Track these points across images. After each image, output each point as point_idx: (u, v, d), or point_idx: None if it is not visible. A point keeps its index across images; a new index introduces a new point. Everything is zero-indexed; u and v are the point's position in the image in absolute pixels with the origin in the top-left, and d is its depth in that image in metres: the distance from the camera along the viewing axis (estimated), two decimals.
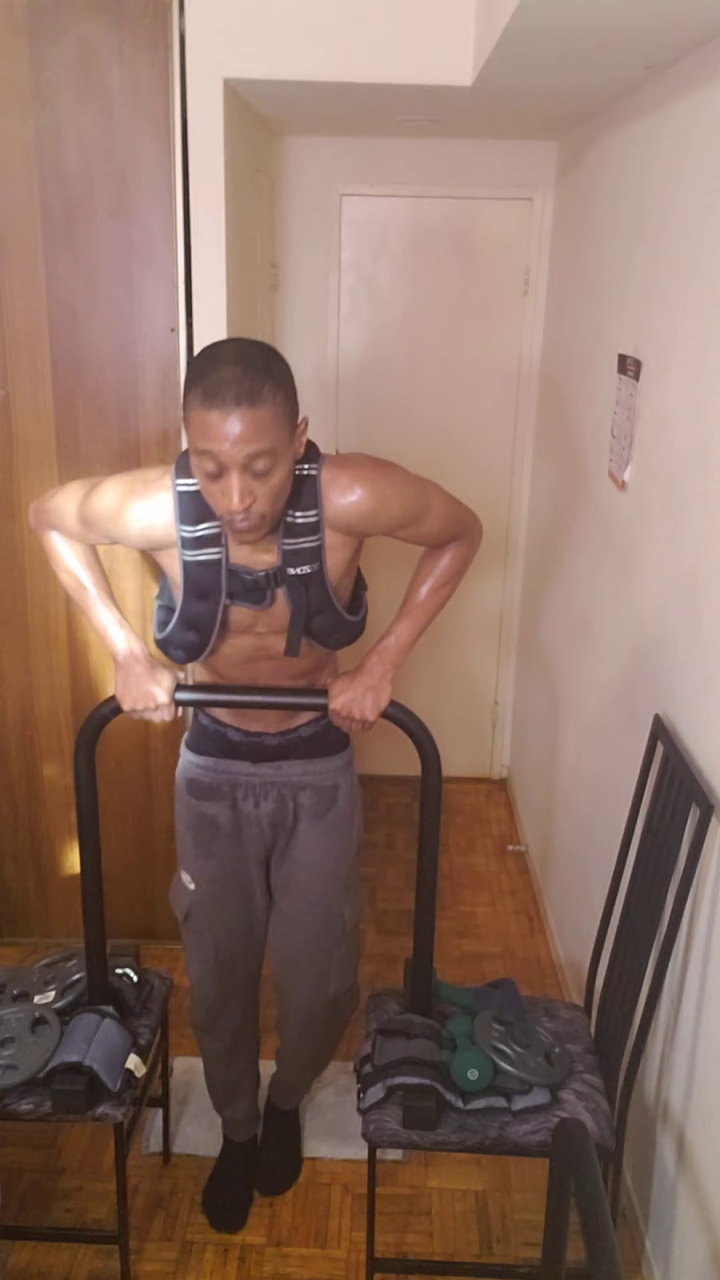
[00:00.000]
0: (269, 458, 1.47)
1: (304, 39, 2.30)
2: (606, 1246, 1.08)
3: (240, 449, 1.45)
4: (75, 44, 2.23)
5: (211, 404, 1.43)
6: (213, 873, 1.95)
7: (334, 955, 2.00)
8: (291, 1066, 2.20)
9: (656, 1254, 1.94)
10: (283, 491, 1.54)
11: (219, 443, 1.44)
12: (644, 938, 1.81)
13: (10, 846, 2.84)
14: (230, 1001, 2.05)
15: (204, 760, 1.92)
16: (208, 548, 1.64)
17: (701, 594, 1.79)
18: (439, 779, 1.79)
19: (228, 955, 1.99)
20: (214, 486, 1.50)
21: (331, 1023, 2.11)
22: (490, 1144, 1.76)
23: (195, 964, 2.02)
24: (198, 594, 1.68)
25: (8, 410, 2.48)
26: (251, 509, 1.50)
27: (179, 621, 1.72)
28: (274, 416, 1.46)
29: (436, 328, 3.53)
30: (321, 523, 1.64)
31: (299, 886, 1.95)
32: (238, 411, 1.43)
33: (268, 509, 1.52)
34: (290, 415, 1.51)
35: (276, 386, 1.47)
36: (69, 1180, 2.19)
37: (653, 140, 2.17)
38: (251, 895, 1.98)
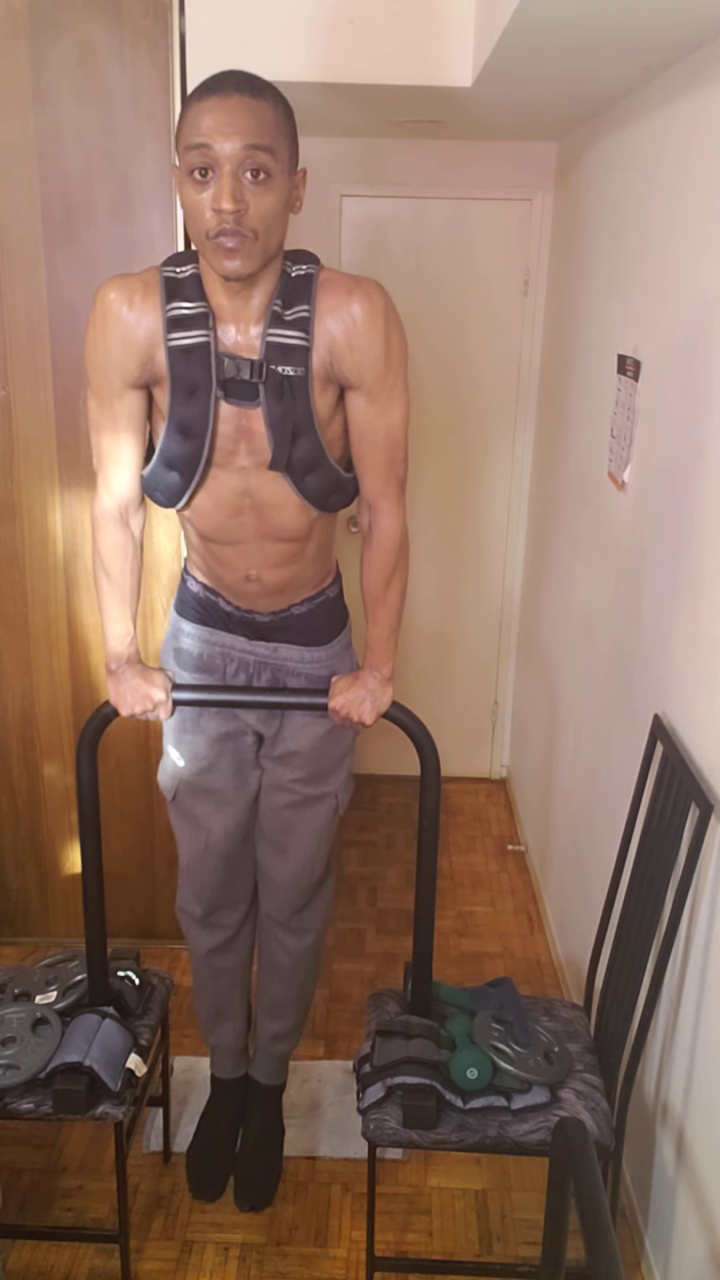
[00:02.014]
0: (267, 160, 1.37)
1: (304, 40, 2.31)
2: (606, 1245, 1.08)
3: (237, 139, 1.35)
4: (75, 44, 2.24)
5: (209, 92, 1.35)
6: (202, 749, 1.87)
7: (321, 836, 1.95)
8: (278, 984, 2.10)
9: (656, 1253, 1.94)
10: (276, 218, 1.43)
11: (214, 132, 1.34)
12: (643, 937, 1.81)
13: (11, 846, 2.85)
14: (228, 893, 1.98)
15: (193, 628, 1.85)
16: (195, 329, 1.54)
17: (701, 594, 1.80)
18: (438, 779, 1.80)
19: (221, 840, 1.92)
20: (203, 196, 1.39)
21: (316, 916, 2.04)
22: (490, 1143, 1.76)
23: (186, 850, 1.95)
24: (186, 389, 1.57)
25: (8, 410, 2.48)
26: (243, 219, 1.39)
27: (169, 433, 1.61)
28: (275, 119, 1.38)
29: (436, 328, 3.53)
30: (312, 322, 1.53)
31: (291, 767, 1.89)
32: (237, 98, 1.34)
33: (260, 225, 1.41)
34: (291, 138, 1.42)
35: (279, 100, 1.40)
36: (69, 1179, 2.19)
37: (652, 141, 2.17)
38: (245, 775, 1.90)
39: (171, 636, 1.90)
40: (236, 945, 2.08)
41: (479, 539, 3.74)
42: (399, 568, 1.77)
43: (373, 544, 1.76)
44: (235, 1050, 2.18)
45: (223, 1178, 2.08)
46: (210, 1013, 2.15)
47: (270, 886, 2.00)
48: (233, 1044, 2.17)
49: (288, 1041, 2.18)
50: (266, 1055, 2.18)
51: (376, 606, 1.79)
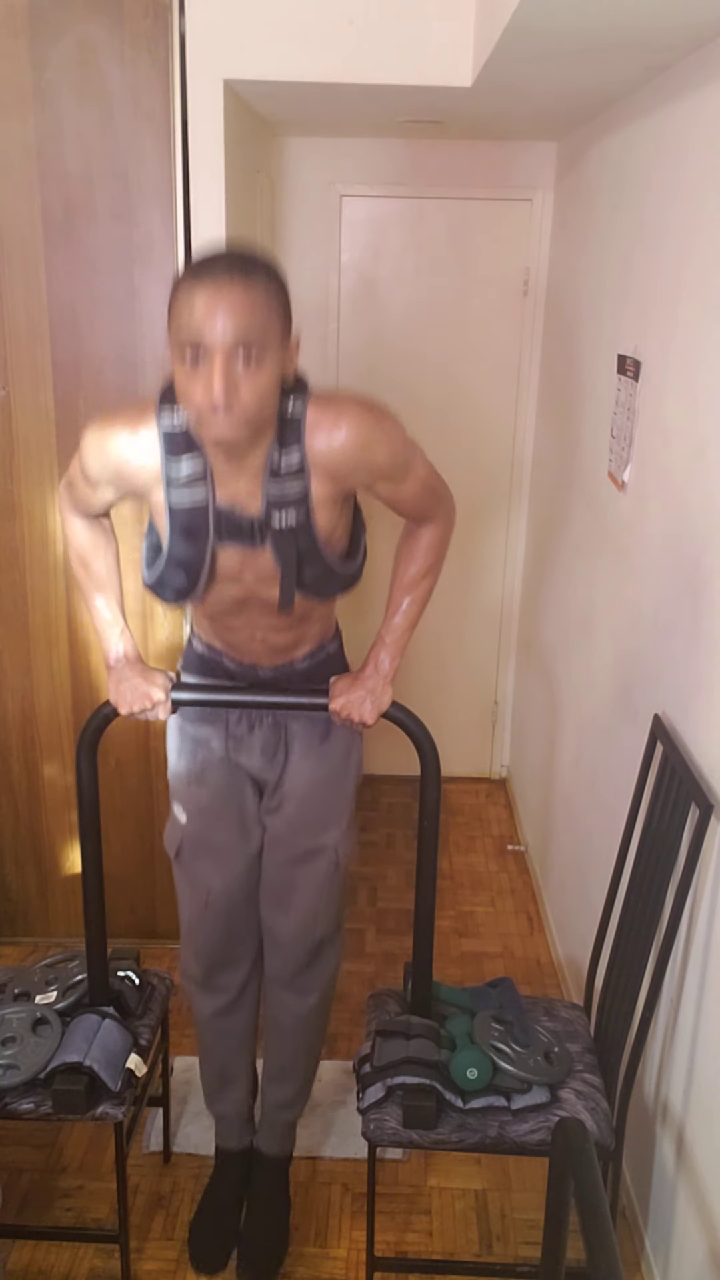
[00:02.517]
0: (258, 349, 1.37)
1: (304, 40, 2.31)
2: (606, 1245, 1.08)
3: (229, 328, 1.34)
4: (75, 45, 2.24)
5: (200, 280, 1.34)
6: (206, 801, 1.87)
7: (322, 891, 1.91)
8: (282, 1048, 2.06)
9: (656, 1253, 1.94)
10: (268, 395, 1.43)
11: (206, 322, 1.34)
12: (643, 937, 1.81)
13: (11, 846, 2.85)
14: (230, 954, 1.96)
15: (198, 682, 1.87)
16: (194, 486, 1.56)
17: (701, 593, 1.80)
18: (438, 779, 1.80)
19: (222, 898, 1.90)
20: (195, 381, 1.38)
21: (320, 977, 2.00)
22: (490, 1143, 1.76)
23: (188, 908, 1.94)
24: (185, 535, 1.59)
25: (8, 410, 2.48)
26: (234, 404, 1.38)
27: (168, 563, 1.63)
28: (267, 302, 1.37)
29: (436, 329, 3.53)
30: (306, 465, 1.54)
31: (287, 816, 1.87)
32: (229, 287, 1.34)
33: (252, 406, 1.40)
34: (284, 314, 1.42)
35: (271, 278, 1.39)
36: (69, 1179, 2.19)
37: (652, 141, 2.17)
38: (247, 830, 1.89)
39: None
40: (240, 1008, 2.04)
41: (479, 539, 3.74)
42: (436, 566, 1.78)
43: (416, 540, 1.77)
44: (240, 1119, 2.13)
45: (226, 1251, 2.01)
46: (215, 1079, 2.10)
47: (273, 944, 1.97)
48: (238, 1112, 2.12)
49: (293, 1109, 2.11)
50: (272, 1124, 2.11)
51: (404, 595, 1.78)
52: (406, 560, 1.78)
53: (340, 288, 3.50)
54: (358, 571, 1.76)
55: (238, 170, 2.56)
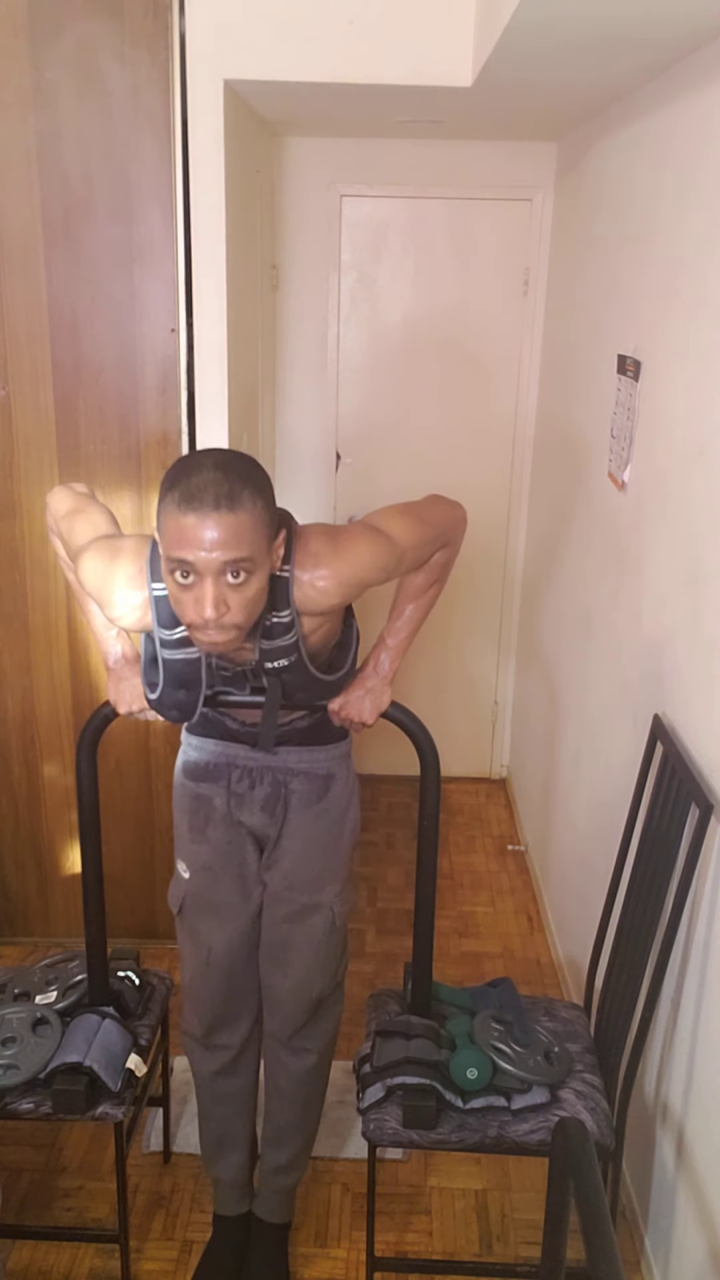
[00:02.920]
0: (247, 566, 1.42)
1: (304, 40, 2.31)
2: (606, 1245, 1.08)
3: (217, 555, 1.39)
4: (75, 44, 2.23)
5: (188, 508, 1.38)
6: (207, 859, 1.90)
7: (319, 950, 1.92)
8: (280, 1109, 2.03)
9: (656, 1253, 1.94)
10: (258, 603, 1.48)
11: (195, 549, 1.39)
12: (643, 937, 1.81)
13: (11, 846, 2.85)
14: (230, 1012, 1.96)
15: (202, 742, 1.90)
16: (186, 647, 1.61)
17: (701, 594, 1.80)
18: (438, 779, 1.80)
19: (223, 955, 1.92)
20: (186, 595, 1.44)
21: (317, 1037, 2.00)
22: (490, 1143, 1.76)
23: (190, 965, 1.96)
24: (178, 684, 1.66)
25: (8, 410, 2.48)
26: (224, 619, 1.44)
27: (162, 699, 1.70)
28: (253, 523, 1.42)
29: (436, 328, 3.53)
30: (296, 621, 1.60)
31: (284, 871, 1.89)
32: (216, 516, 1.38)
33: (242, 620, 1.46)
34: (270, 524, 1.46)
35: (256, 493, 1.43)
36: (69, 1179, 2.19)
37: (652, 141, 2.17)
38: (247, 888, 1.92)
39: (183, 750, 1.95)
40: (240, 1069, 2.02)
41: (479, 539, 3.74)
42: (444, 576, 1.82)
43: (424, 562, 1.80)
44: (239, 1184, 2.07)
45: None
46: (213, 1141, 2.06)
47: (272, 1003, 1.98)
48: (235, 1177, 2.06)
49: (291, 1174, 2.05)
50: (270, 1190, 2.06)
51: (409, 603, 1.82)
52: (413, 572, 1.80)
53: (340, 287, 3.50)
54: (350, 669, 1.80)
55: (237, 170, 2.56)
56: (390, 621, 1.82)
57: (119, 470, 2.53)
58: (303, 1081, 2.00)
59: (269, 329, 3.44)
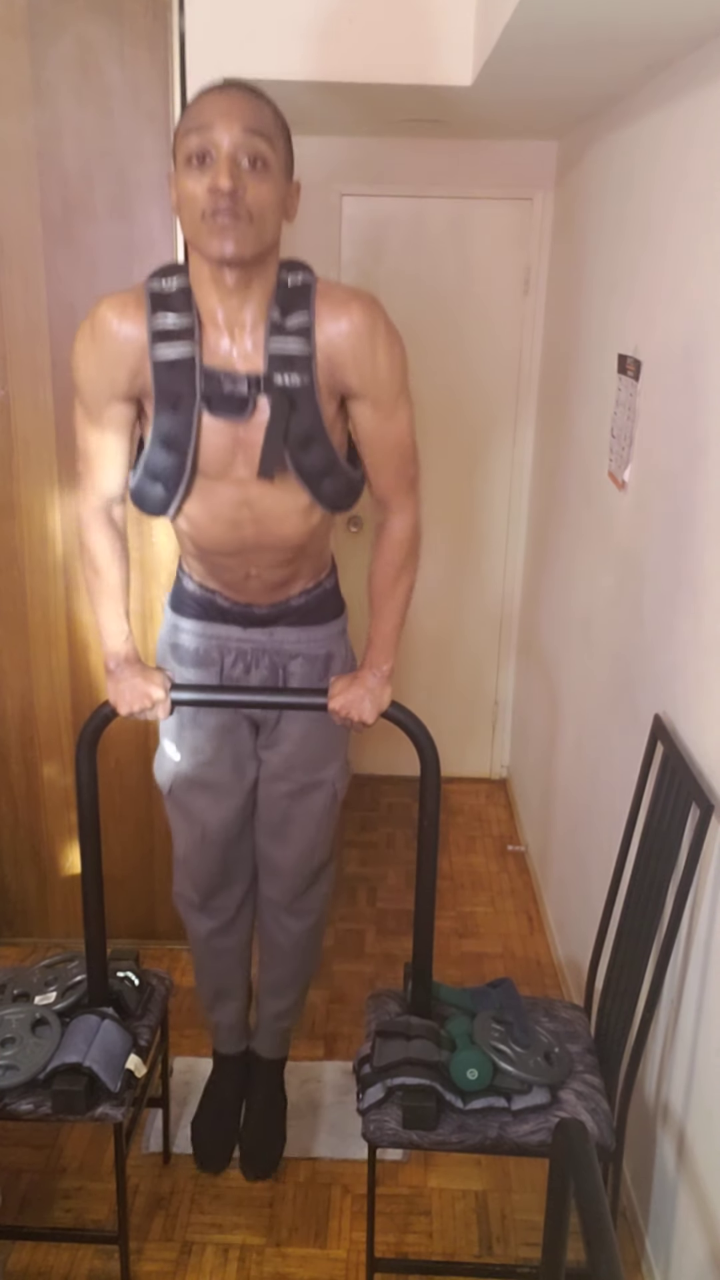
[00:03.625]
0: (264, 148, 1.39)
1: (304, 39, 2.31)
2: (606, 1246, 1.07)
3: (236, 123, 1.37)
4: (75, 43, 2.23)
5: (209, 89, 1.40)
6: (200, 742, 1.87)
7: (319, 823, 1.96)
8: (280, 966, 2.13)
9: (656, 1254, 1.94)
10: (272, 209, 1.44)
11: (214, 117, 1.37)
12: (644, 938, 1.81)
13: (10, 846, 2.84)
14: (226, 879, 2.00)
15: (190, 624, 1.85)
16: (179, 341, 1.53)
17: (702, 593, 1.79)
18: (438, 779, 1.79)
19: (217, 832, 1.92)
20: (200, 179, 1.40)
21: (316, 898, 2.06)
22: (490, 1144, 1.76)
23: (182, 841, 1.96)
24: (170, 403, 1.55)
25: (8, 410, 2.48)
26: (239, 199, 1.39)
27: (153, 443, 1.60)
28: (274, 118, 1.42)
29: (437, 328, 3.52)
30: (314, 329, 1.53)
31: (285, 754, 1.88)
32: (238, 91, 1.40)
33: (255, 209, 1.41)
34: (287, 145, 1.46)
35: (278, 111, 1.45)
36: (69, 1180, 2.19)
37: (653, 140, 2.17)
38: (242, 767, 1.90)
39: (168, 632, 1.90)
40: (236, 927, 2.10)
41: (479, 539, 3.74)
42: (409, 563, 1.77)
43: (384, 538, 1.77)
44: (237, 1026, 2.21)
45: (228, 1149, 2.12)
46: (211, 992, 2.17)
47: (271, 873, 2.01)
48: (234, 1021, 2.20)
49: (289, 1018, 2.20)
50: (268, 1031, 2.21)
51: (384, 601, 1.79)
52: (381, 564, 1.78)
53: None
54: (360, 481, 1.72)
55: None
56: (373, 623, 1.81)
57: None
58: (302, 938, 2.10)
59: None
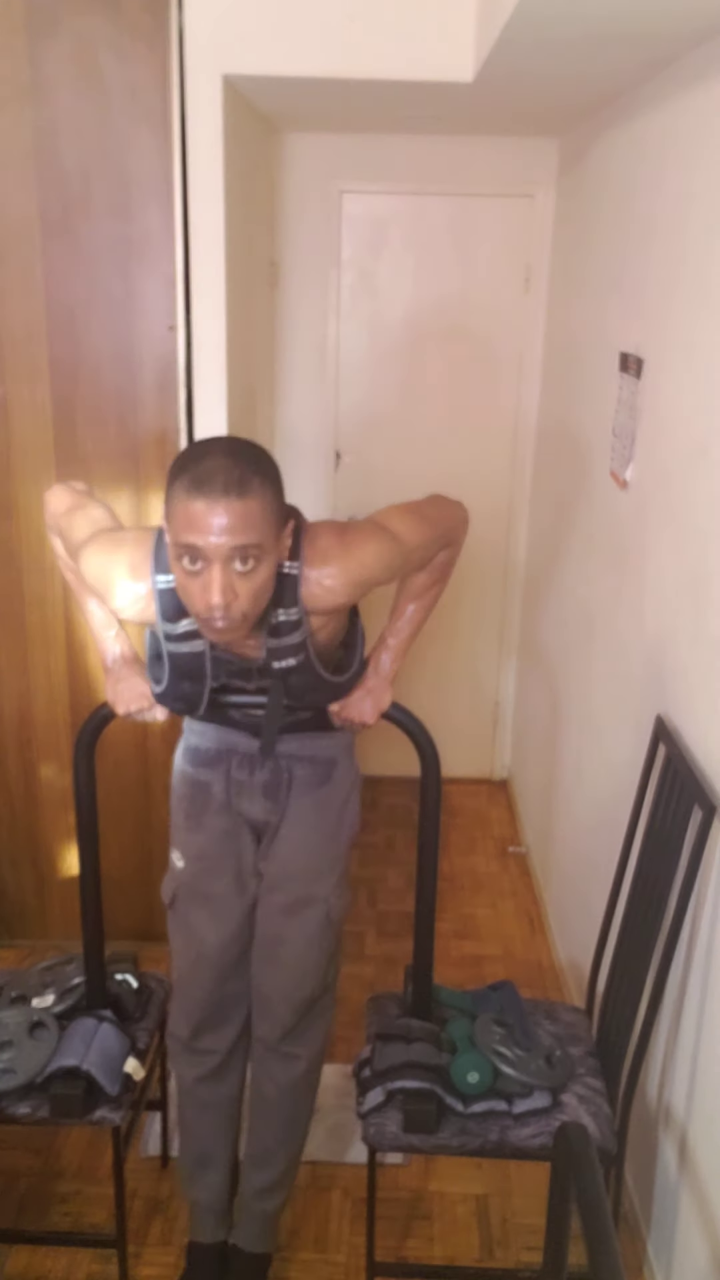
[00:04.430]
0: (255, 553, 1.41)
1: (304, 35, 2.29)
2: (608, 1250, 1.06)
3: (226, 541, 1.38)
4: (73, 40, 2.22)
5: (198, 493, 1.38)
6: (203, 847, 1.87)
7: (312, 945, 1.88)
8: (266, 1123, 1.96)
9: (658, 1258, 1.93)
10: (265, 592, 1.47)
11: (203, 534, 1.38)
12: (646, 940, 1.80)
13: (8, 848, 2.83)
14: (218, 1014, 1.92)
15: (204, 728, 1.88)
16: (191, 640, 1.60)
17: (704, 593, 1.78)
18: (439, 780, 1.78)
19: (215, 952, 1.88)
20: (193, 583, 1.43)
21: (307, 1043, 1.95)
22: (491, 1147, 1.75)
23: (180, 960, 1.92)
24: (183, 676, 1.65)
25: (5, 410, 2.47)
26: (231, 608, 1.42)
27: (167, 693, 1.69)
28: (262, 511, 1.41)
29: (437, 325, 3.51)
30: (305, 618, 1.59)
31: (282, 861, 1.87)
32: (225, 501, 1.37)
33: (249, 608, 1.45)
34: (278, 513, 1.46)
35: (266, 481, 1.42)
36: (67, 1184, 2.18)
37: (655, 137, 2.16)
38: (243, 881, 1.88)
39: (184, 736, 1.94)
40: (225, 1077, 1.97)
41: (480, 538, 3.72)
42: (445, 575, 1.81)
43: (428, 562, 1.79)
44: (217, 1209, 1.99)
45: None
46: (193, 1158, 1.99)
47: (262, 1002, 1.93)
48: (214, 1200, 1.98)
49: (274, 1197, 1.97)
50: (251, 1216, 1.97)
51: (410, 602, 1.81)
52: (415, 571, 1.78)
53: (340, 284, 3.49)
54: (359, 669, 1.79)
55: (237, 166, 2.54)
56: (392, 621, 1.81)
57: (117, 469, 2.51)
58: (290, 1092, 1.95)
59: (268, 326, 3.43)
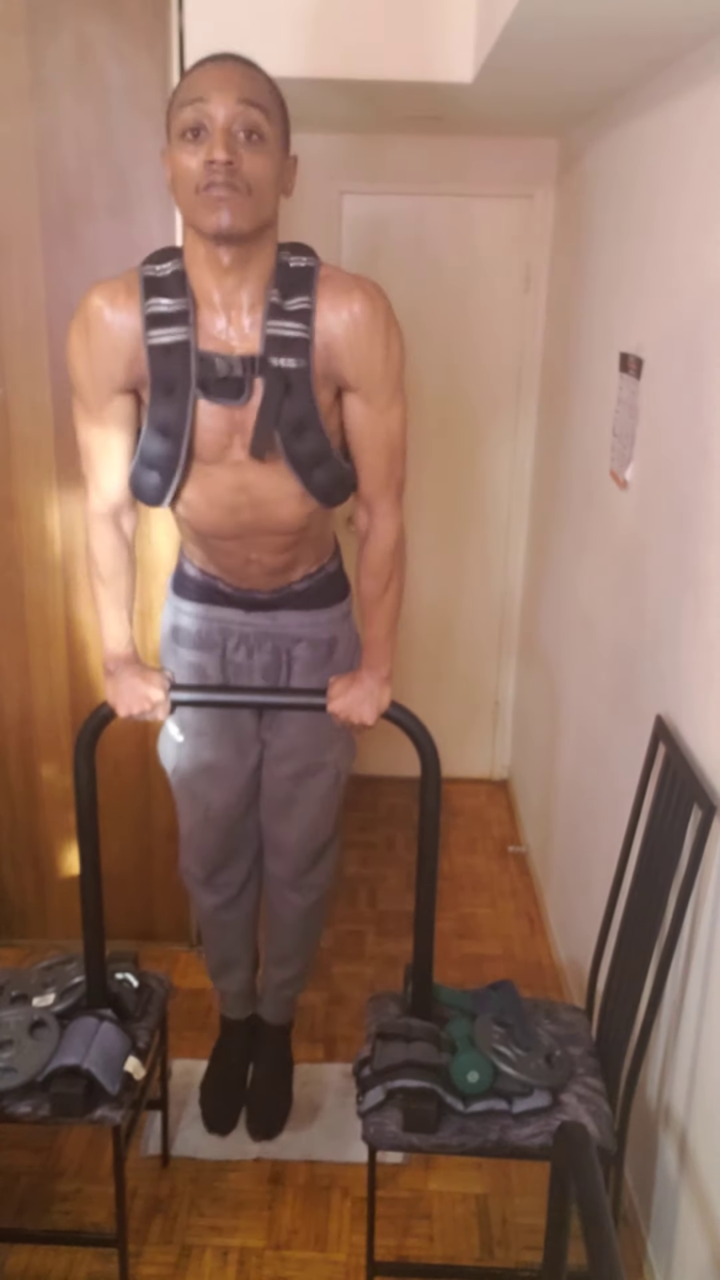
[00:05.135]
0: (260, 119, 1.37)
1: (304, 35, 2.30)
2: (608, 1250, 1.07)
3: (232, 93, 1.35)
4: (74, 40, 2.22)
5: (206, 61, 1.38)
6: (202, 724, 1.88)
7: (323, 803, 1.97)
8: (286, 938, 2.17)
9: (658, 1257, 1.93)
10: (269, 183, 1.42)
11: (208, 89, 1.35)
12: (645, 940, 1.80)
13: (9, 848, 2.83)
14: (230, 856, 2.03)
15: (192, 606, 1.85)
16: (173, 326, 1.52)
17: (704, 593, 1.79)
18: (438, 780, 1.79)
19: (221, 812, 1.95)
20: (195, 153, 1.38)
21: (321, 874, 2.09)
22: (491, 1147, 1.75)
23: (187, 818, 1.99)
24: (164, 389, 1.54)
25: (6, 410, 2.47)
26: (236, 171, 1.37)
27: (148, 429, 1.59)
28: (270, 89, 1.41)
29: (437, 325, 3.52)
30: (314, 314, 1.51)
31: (289, 736, 1.89)
32: (232, 63, 1.38)
33: (252, 180, 1.39)
34: (283, 118, 1.44)
35: (274, 83, 1.43)
36: (67, 1183, 2.18)
37: (654, 137, 2.16)
38: (245, 750, 1.91)
39: (170, 614, 1.90)
40: (242, 901, 2.13)
41: (479, 538, 3.73)
42: (396, 571, 1.76)
43: (370, 546, 1.76)
44: (243, 994, 2.26)
45: (235, 1110, 2.17)
46: (218, 962, 2.22)
47: (275, 851, 2.04)
48: (240, 989, 2.24)
49: (294, 986, 2.25)
50: (274, 999, 2.25)
51: (373, 609, 1.79)
52: (369, 573, 1.77)
53: None
54: (352, 475, 1.71)
55: None
56: (366, 628, 1.81)
57: None
58: (308, 913, 2.13)
59: None
